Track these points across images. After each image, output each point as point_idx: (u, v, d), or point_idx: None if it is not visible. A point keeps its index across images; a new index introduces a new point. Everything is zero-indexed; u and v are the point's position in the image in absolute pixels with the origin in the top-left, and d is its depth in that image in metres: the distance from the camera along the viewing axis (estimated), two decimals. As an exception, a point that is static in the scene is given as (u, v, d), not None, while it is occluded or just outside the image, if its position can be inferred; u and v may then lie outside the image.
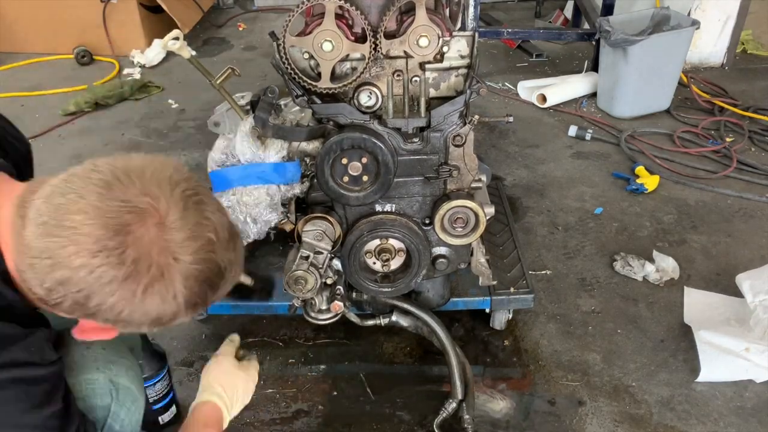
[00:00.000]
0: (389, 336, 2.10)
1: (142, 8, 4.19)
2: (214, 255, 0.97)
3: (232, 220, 1.06)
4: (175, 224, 0.93)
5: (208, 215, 0.98)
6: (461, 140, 1.62)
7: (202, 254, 0.96)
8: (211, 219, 0.98)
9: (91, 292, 0.90)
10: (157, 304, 0.94)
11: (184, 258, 0.94)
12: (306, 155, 1.62)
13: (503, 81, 3.86)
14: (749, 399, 1.89)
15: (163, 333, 2.07)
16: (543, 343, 2.08)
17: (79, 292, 0.90)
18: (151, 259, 0.91)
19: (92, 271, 0.89)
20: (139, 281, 0.91)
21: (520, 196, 2.81)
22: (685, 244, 2.51)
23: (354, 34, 1.54)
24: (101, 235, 0.89)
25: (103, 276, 0.89)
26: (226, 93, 1.70)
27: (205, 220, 0.97)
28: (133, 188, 0.92)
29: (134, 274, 0.90)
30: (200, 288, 0.97)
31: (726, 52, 3.95)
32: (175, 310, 0.97)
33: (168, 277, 0.93)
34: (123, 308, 0.92)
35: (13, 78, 4.02)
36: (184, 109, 3.66)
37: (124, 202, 0.91)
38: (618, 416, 1.84)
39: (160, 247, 0.92)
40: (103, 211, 0.90)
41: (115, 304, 0.92)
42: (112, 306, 0.92)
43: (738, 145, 3.12)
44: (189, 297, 0.96)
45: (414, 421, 1.84)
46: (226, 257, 1.00)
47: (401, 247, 1.72)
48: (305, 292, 1.60)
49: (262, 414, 1.87)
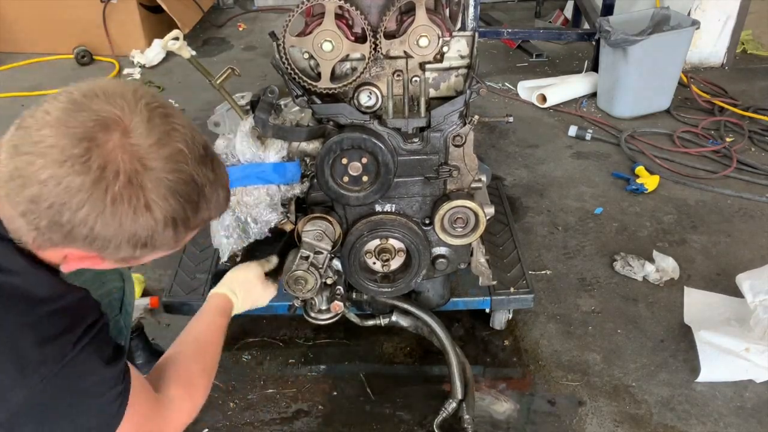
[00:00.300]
0: (389, 336, 2.10)
1: (142, 8, 4.19)
2: (187, 166, 0.95)
3: (207, 141, 1.04)
4: (140, 131, 0.92)
5: (176, 126, 0.96)
6: (461, 140, 1.62)
7: (173, 164, 0.94)
8: (179, 130, 0.96)
9: (62, 204, 0.89)
10: (129, 214, 0.92)
11: (152, 164, 0.92)
12: (306, 155, 1.62)
13: (503, 81, 3.86)
14: (749, 399, 1.89)
15: (163, 333, 2.07)
16: (543, 343, 2.08)
17: (51, 207, 0.89)
18: (118, 165, 0.90)
19: (59, 182, 0.88)
20: (107, 189, 0.89)
21: (520, 196, 2.81)
22: (685, 244, 2.51)
23: (354, 34, 1.54)
24: (65, 144, 0.88)
25: (70, 185, 0.88)
26: (226, 93, 1.70)
27: (173, 130, 0.95)
28: (97, 101, 0.93)
29: (101, 180, 0.89)
30: (176, 201, 0.95)
31: (726, 52, 3.95)
32: (152, 224, 0.94)
33: (138, 183, 0.91)
34: (96, 221, 0.90)
35: (13, 78, 4.02)
36: (184, 109, 3.66)
37: (89, 114, 0.91)
38: (618, 416, 1.84)
39: (126, 152, 0.90)
40: (68, 123, 0.90)
41: (87, 216, 0.90)
42: (84, 219, 0.90)
43: (738, 145, 3.12)
44: (165, 209, 0.94)
45: (414, 421, 1.84)
46: (202, 172, 0.98)
47: (401, 247, 1.72)
48: (305, 292, 1.60)
49: (262, 414, 1.87)
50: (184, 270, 2.04)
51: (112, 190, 0.90)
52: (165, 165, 0.93)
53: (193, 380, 1.28)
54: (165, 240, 0.98)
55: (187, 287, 1.97)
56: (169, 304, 1.94)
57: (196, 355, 1.33)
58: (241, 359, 2.04)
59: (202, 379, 1.31)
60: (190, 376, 1.28)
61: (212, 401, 1.90)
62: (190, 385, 1.27)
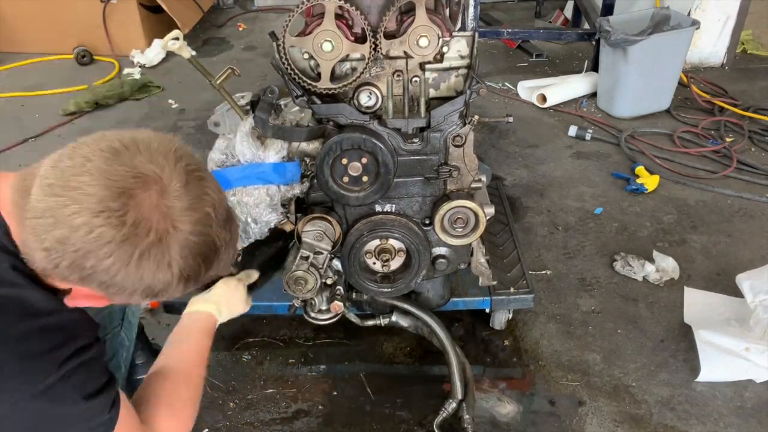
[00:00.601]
0: (389, 336, 2.10)
1: (142, 8, 4.19)
2: (211, 230, 0.99)
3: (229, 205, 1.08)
4: (177, 193, 0.94)
5: (208, 191, 0.99)
6: (461, 140, 1.62)
7: (200, 227, 0.97)
8: (210, 195, 0.99)
9: (89, 251, 0.90)
10: (152, 270, 0.94)
11: (182, 227, 0.95)
12: (306, 155, 1.62)
13: (503, 81, 3.86)
14: (749, 399, 1.89)
15: (163, 333, 2.07)
16: (543, 343, 2.08)
17: (77, 251, 0.90)
18: (151, 223, 0.92)
19: (92, 231, 0.89)
20: (137, 244, 0.92)
21: (520, 196, 2.81)
22: (685, 244, 2.51)
23: (354, 34, 1.54)
24: (104, 196, 0.90)
25: (102, 236, 0.90)
26: (226, 93, 1.70)
27: (205, 194, 0.98)
28: (139, 156, 0.94)
29: (133, 236, 0.91)
30: (194, 261, 0.98)
31: (726, 52, 3.95)
32: (169, 279, 0.97)
33: (165, 243, 0.94)
34: (118, 271, 0.92)
35: (13, 78, 4.02)
36: (184, 109, 3.66)
37: (129, 168, 0.92)
38: (618, 416, 1.84)
39: (160, 213, 0.93)
40: (108, 174, 0.91)
41: (111, 266, 0.92)
42: (108, 268, 0.92)
43: (738, 145, 3.12)
44: (183, 268, 0.97)
45: (414, 421, 1.84)
46: (222, 235, 1.01)
47: (401, 247, 1.72)
48: (305, 293, 1.60)
49: (262, 414, 1.87)
50: (184, 270, 2.04)
51: (141, 247, 0.92)
52: (193, 228, 0.96)
53: (181, 409, 1.27)
54: (175, 292, 1.01)
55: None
56: (169, 304, 1.94)
57: (184, 382, 1.31)
58: (241, 359, 2.04)
59: (188, 408, 1.29)
60: (178, 405, 1.27)
61: (212, 401, 1.90)
62: (177, 415, 1.25)
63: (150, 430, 1.17)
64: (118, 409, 1.06)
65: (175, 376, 1.31)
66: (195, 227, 0.96)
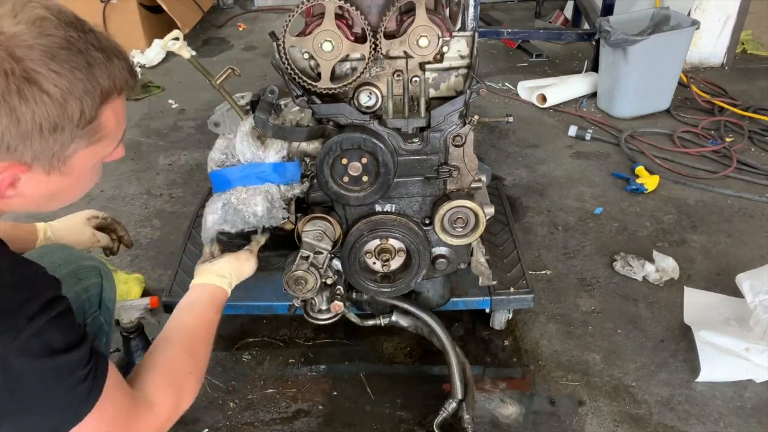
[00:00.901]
0: (389, 336, 2.10)
1: (142, 8, 4.19)
2: (56, 30, 0.90)
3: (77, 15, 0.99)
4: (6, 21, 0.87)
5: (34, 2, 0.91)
6: (461, 140, 1.62)
7: (37, 29, 0.88)
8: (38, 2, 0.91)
9: None
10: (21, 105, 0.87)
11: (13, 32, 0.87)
12: (306, 155, 1.62)
13: (503, 81, 3.86)
14: (749, 399, 1.89)
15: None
16: (543, 343, 2.08)
17: None
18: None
19: None
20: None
21: (520, 196, 2.81)
22: (685, 244, 2.52)
23: (354, 34, 1.54)
24: None
25: None
26: (226, 93, 1.70)
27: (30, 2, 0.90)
28: None
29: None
30: (61, 68, 0.89)
31: (726, 52, 3.95)
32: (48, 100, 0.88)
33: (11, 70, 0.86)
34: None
35: (13, 78, 4.02)
36: (184, 109, 3.66)
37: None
38: (618, 416, 1.84)
39: None
40: None
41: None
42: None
43: (738, 145, 3.12)
44: (54, 80, 0.88)
45: (414, 421, 1.84)
46: (77, 35, 0.93)
47: (401, 247, 1.72)
48: (305, 292, 1.60)
49: (262, 414, 1.87)
50: (184, 270, 2.04)
51: None
52: (29, 30, 0.88)
53: (180, 382, 1.20)
54: (75, 115, 0.92)
55: (186, 287, 1.96)
56: (169, 304, 1.94)
57: (186, 354, 1.25)
58: (241, 359, 2.05)
59: (189, 382, 1.22)
60: (178, 377, 1.20)
61: (212, 401, 1.90)
62: (176, 386, 1.18)
63: (144, 398, 1.12)
64: (104, 367, 1.01)
65: (177, 347, 1.25)
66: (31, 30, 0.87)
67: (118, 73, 0.99)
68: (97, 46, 0.96)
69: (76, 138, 0.95)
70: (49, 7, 0.92)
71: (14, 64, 0.86)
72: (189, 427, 1.82)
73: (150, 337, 1.97)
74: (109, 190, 2.90)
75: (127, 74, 1.01)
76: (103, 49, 0.97)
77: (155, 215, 2.73)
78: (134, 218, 2.71)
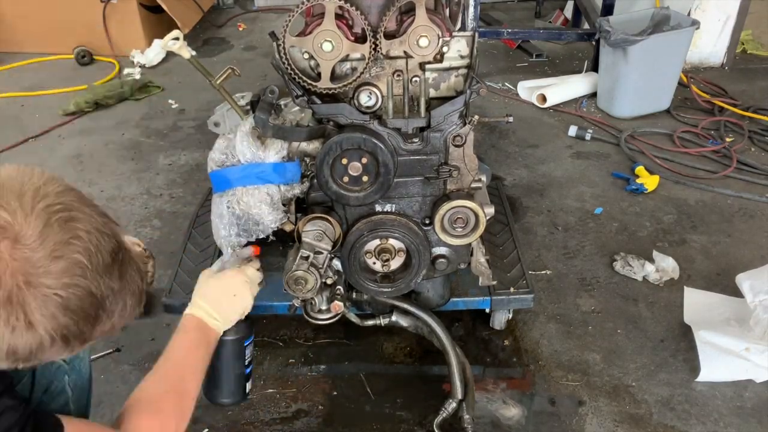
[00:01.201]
0: (389, 336, 2.10)
1: (142, 8, 4.19)
2: (84, 280, 0.87)
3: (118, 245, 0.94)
4: (31, 242, 0.83)
5: (78, 233, 0.87)
6: (461, 140, 1.62)
7: (67, 278, 0.85)
8: (82, 238, 0.87)
9: None
10: (6, 333, 0.84)
11: (41, 281, 0.84)
12: (306, 155, 1.62)
13: (503, 81, 3.86)
14: (749, 399, 1.89)
15: (163, 333, 2.07)
16: (543, 343, 2.08)
17: None
18: None
19: None
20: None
21: (520, 196, 2.81)
22: (685, 244, 2.52)
23: (354, 34, 1.54)
24: None
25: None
26: (226, 93, 1.70)
27: (73, 239, 0.86)
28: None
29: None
30: (69, 318, 0.87)
31: (726, 52, 3.95)
32: (37, 342, 0.86)
33: (18, 302, 0.83)
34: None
35: (13, 78, 4.02)
36: (184, 109, 3.66)
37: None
38: (618, 416, 1.84)
39: (12, 268, 0.82)
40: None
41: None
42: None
43: (738, 145, 3.12)
44: (55, 328, 0.86)
45: (414, 421, 1.84)
46: (103, 284, 0.89)
47: (401, 247, 1.72)
48: (305, 292, 1.60)
49: (262, 414, 1.87)
50: (184, 270, 2.05)
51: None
52: (56, 281, 0.85)
53: (162, 405, 1.18)
54: (54, 353, 0.91)
55: (187, 287, 1.97)
56: (169, 304, 1.94)
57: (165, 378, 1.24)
58: (241, 359, 2.04)
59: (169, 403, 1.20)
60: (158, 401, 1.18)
61: (212, 401, 1.90)
62: (157, 411, 1.17)
63: None
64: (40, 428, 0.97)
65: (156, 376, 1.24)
66: (59, 279, 0.85)
67: (125, 313, 0.97)
68: (116, 290, 0.93)
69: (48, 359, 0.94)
70: (90, 250, 0.88)
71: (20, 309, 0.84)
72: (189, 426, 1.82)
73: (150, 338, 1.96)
74: (109, 190, 2.90)
75: (132, 311, 0.99)
76: (121, 290, 0.94)
77: (155, 215, 2.73)
78: (134, 218, 2.71)
